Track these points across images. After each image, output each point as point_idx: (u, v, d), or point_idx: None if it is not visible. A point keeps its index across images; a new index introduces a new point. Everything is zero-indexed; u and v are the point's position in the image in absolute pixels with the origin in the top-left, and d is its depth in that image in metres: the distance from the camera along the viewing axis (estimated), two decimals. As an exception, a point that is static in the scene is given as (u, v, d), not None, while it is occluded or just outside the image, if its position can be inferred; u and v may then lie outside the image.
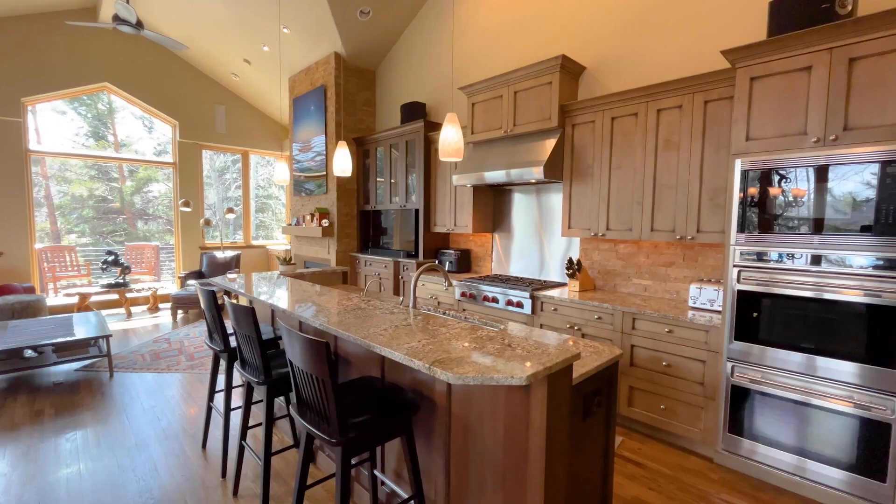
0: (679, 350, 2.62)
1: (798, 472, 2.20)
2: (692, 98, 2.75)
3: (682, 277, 3.12)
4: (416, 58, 5.15)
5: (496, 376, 1.14)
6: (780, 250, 2.20)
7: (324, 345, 1.28)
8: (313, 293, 2.54)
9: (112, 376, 3.79)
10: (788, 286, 2.18)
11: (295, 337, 1.40)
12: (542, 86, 3.43)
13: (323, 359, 1.30)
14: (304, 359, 1.39)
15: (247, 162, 7.90)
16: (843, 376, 2.06)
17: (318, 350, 1.31)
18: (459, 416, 1.56)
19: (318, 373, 1.35)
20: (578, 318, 3.11)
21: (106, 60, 6.24)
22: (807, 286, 2.13)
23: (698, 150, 2.74)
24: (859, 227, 1.97)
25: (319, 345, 1.30)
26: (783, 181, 2.18)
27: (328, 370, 1.30)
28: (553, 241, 3.88)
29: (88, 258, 6.85)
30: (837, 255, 2.03)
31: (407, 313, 1.99)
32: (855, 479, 2.04)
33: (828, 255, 2.06)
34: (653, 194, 2.96)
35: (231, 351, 2.33)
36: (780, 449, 2.24)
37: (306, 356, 1.37)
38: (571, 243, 3.74)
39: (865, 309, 1.97)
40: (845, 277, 2.02)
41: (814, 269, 2.10)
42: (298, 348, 1.40)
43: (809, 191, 2.10)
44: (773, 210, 2.22)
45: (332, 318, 1.82)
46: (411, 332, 1.60)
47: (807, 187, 2.11)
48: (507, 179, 3.50)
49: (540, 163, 3.27)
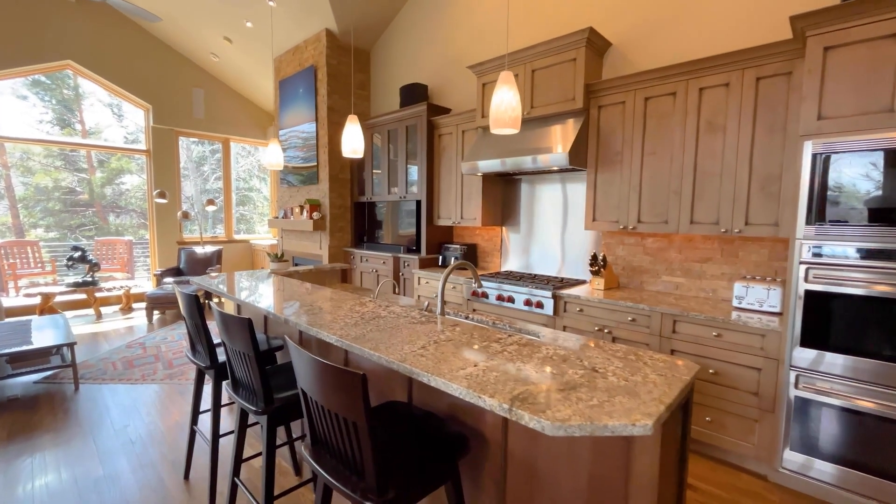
0: (729, 356, 2.35)
1: (876, 494, 1.95)
2: (741, 74, 2.45)
3: (719, 274, 2.85)
4: (416, 36, 4.75)
5: (611, 424, 0.81)
6: (859, 245, 1.93)
7: (359, 378, 0.93)
8: (319, 297, 2.17)
9: (77, 389, 3.33)
10: (868, 286, 1.91)
11: (315, 365, 1.04)
12: (564, 63, 3.10)
13: (358, 397, 0.95)
14: (328, 394, 1.04)
15: (227, 150, 7.37)
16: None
17: (352, 385, 0.95)
18: (519, 457, 1.23)
19: (350, 414, 0.99)
20: (608, 319, 2.81)
21: (69, 35, 5.63)
22: (892, 287, 1.86)
23: (748, 132, 2.45)
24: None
25: (353, 378, 0.94)
26: (863, 165, 1.90)
27: (365, 412, 0.95)
28: (569, 234, 3.57)
29: (55, 254, 6.27)
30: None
31: (437, 322, 1.65)
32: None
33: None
34: (693, 183, 2.67)
35: (219, 367, 1.94)
36: (855, 469, 1.99)
37: (332, 391, 1.01)
38: (588, 237, 3.44)
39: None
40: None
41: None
42: (319, 379, 1.04)
43: None
44: (851, 199, 1.94)
45: (350, 331, 1.47)
46: (457, 351, 1.26)
47: (895, 172, 1.83)
48: (525, 167, 3.17)
49: (564, 148, 2.95)
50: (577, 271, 3.55)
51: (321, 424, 1.14)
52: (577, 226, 3.53)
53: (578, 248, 3.54)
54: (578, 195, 3.50)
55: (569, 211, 3.58)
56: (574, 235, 3.55)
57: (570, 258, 3.59)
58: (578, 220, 3.51)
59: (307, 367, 1.08)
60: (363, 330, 1.48)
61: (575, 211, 3.54)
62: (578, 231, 3.52)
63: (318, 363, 1.03)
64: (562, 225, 3.63)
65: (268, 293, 2.32)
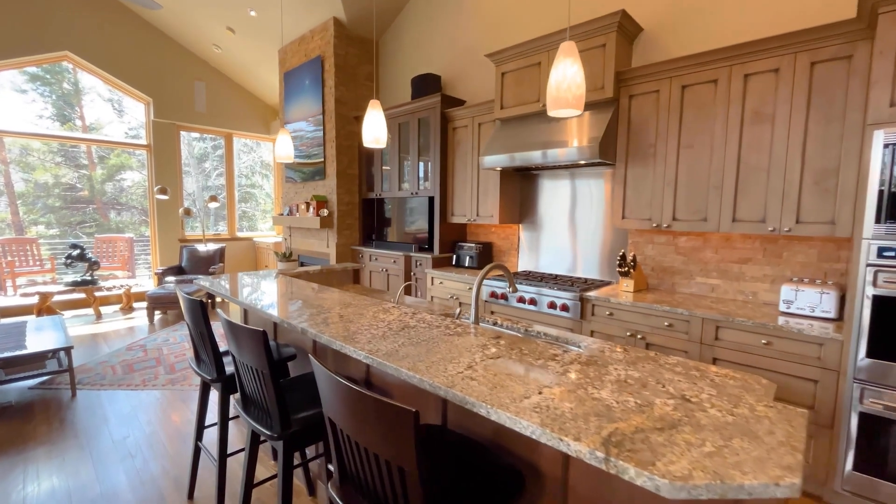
0: (780, 366, 2.16)
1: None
2: (794, 59, 2.25)
3: (760, 276, 2.65)
4: (427, 25, 4.55)
5: (747, 484, 0.62)
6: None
7: (412, 416, 0.74)
8: (335, 301, 1.98)
9: (74, 396, 3.16)
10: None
11: (350, 395, 0.85)
12: (593, 49, 2.89)
13: (409, 438, 0.76)
14: (366, 430, 0.85)
15: (230, 145, 7.17)
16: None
17: (401, 423, 0.76)
18: (584, 496, 1.04)
19: (397, 458, 0.80)
20: (642, 324, 2.62)
21: (67, 26, 5.43)
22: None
23: (800, 122, 2.25)
24: None
25: (403, 416, 0.75)
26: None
27: (417, 458, 0.76)
28: (587, 233, 3.38)
29: (55, 251, 6.09)
30: None
31: (472, 331, 1.46)
32: None
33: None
34: (735, 178, 2.47)
35: (226, 380, 1.76)
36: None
37: (373, 428, 0.82)
38: (608, 235, 3.24)
39: None
40: None
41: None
42: (356, 412, 0.85)
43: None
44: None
45: (379, 346, 1.28)
46: (511, 372, 1.07)
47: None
48: (549, 160, 2.97)
49: (593, 140, 2.75)
50: (597, 271, 3.35)
51: (354, 462, 0.96)
52: (596, 224, 3.33)
53: (598, 247, 3.34)
54: (597, 191, 3.30)
55: (586, 208, 3.38)
56: (593, 234, 3.36)
57: (588, 257, 3.39)
58: (598, 218, 3.31)
59: (338, 396, 0.89)
60: (394, 344, 1.29)
61: (594, 208, 3.34)
62: (598, 229, 3.32)
63: (353, 393, 0.84)
64: (579, 222, 3.43)
65: (278, 297, 2.13)
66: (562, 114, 1.29)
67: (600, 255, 3.36)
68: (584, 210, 3.42)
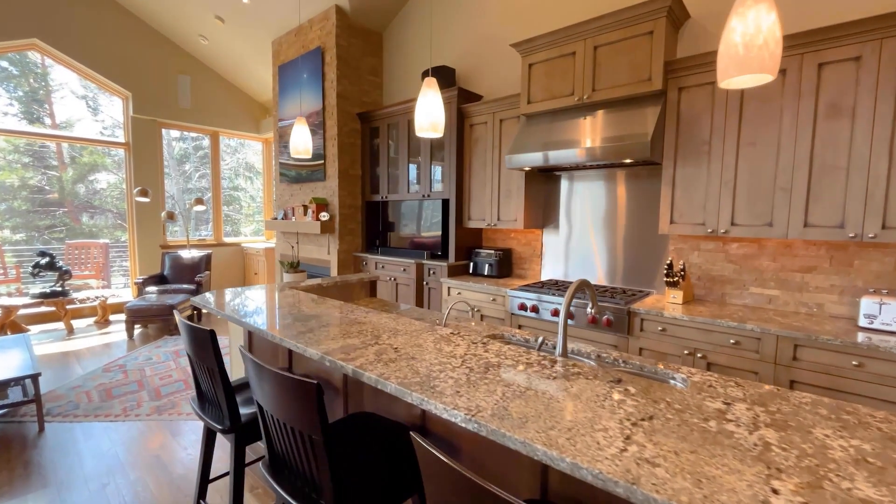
0: (874, 391, 1.90)
1: None
2: (879, 46, 2.01)
3: (827, 287, 2.41)
4: (439, 14, 4.23)
5: None
6: None
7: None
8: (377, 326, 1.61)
9: (42, 430, 2.71)
10: None
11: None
12: (637, 37, 2.62)
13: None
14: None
15: (216, 144, 6.71)
16: None
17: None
18: None
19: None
20: (702, 341, 2.34)
21: (34, 9, 4.92)
22: None
23: (887, 116, 2.01)
24: None
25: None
26: None
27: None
28: (624, 238, 3.10)
29: (21, 259, 5.53)
30: None
31: (570, 368, 1.14)
32: None
33: None
34: (808, 179, 2.22)
35: (242, 427, 1.39)
36: None
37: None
38: (649, 241, 2.97)
39: None
40: None
41: None
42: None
43: None
44: None
45: (479, 401, 0.91)
46: (692, 446, 0.75)
47: None
48: (589, 160, 2.68)
49: (642, 137, 2.47)
50: (625, 280, 3.08)
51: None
52: (631, 229, 3.06)
53: (633, 255, 3.07)
54: (634, 193, 3.03)
55: (621, 211, 3.10)
56: (627, 240, 3.08)
57: (621, 266, 3.12)
58: (634, 223, 3.04)
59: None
60: (492, 395, 0.94)
61: (630, 211, 3.07)
62: (633, 235, 3.05)
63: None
64: (612, 227, 3.15)
65: (301, 320, 1.77)
66: (745, 82, 0.97)
67: (636, 262, 3.08)
68: (618, 214, 3.15)
